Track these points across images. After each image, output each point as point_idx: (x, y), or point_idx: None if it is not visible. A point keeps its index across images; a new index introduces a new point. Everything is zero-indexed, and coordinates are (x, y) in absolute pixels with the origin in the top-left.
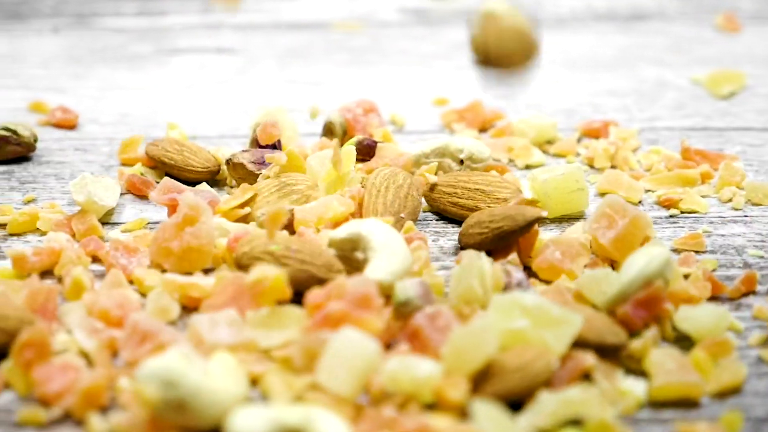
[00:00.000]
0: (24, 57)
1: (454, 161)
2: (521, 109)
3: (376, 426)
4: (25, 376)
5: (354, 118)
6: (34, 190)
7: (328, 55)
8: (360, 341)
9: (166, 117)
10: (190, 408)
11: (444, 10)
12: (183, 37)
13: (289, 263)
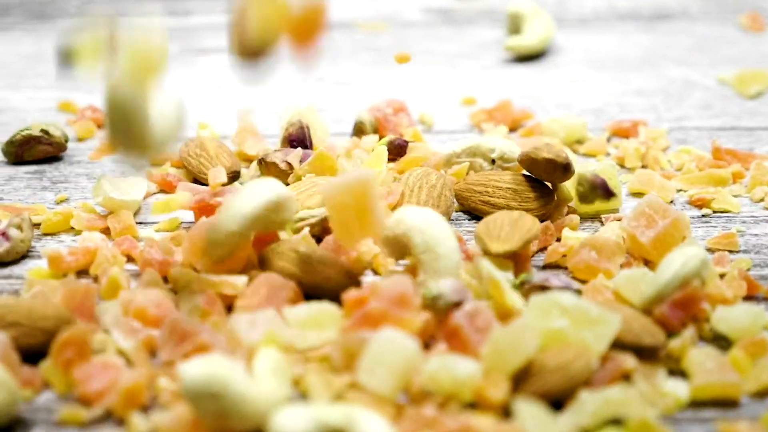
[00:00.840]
0: (51, 57)
1: (485, 161)
2: (549, 108)
3: (418, 425)
4: (65, 375)
5: (384, 117)
6: (66, 189)
7: (354, 54)
8: (400, 341)
9: (196, 117)
10: (232, 414)
11: (468, 10)
12: (209, 37)
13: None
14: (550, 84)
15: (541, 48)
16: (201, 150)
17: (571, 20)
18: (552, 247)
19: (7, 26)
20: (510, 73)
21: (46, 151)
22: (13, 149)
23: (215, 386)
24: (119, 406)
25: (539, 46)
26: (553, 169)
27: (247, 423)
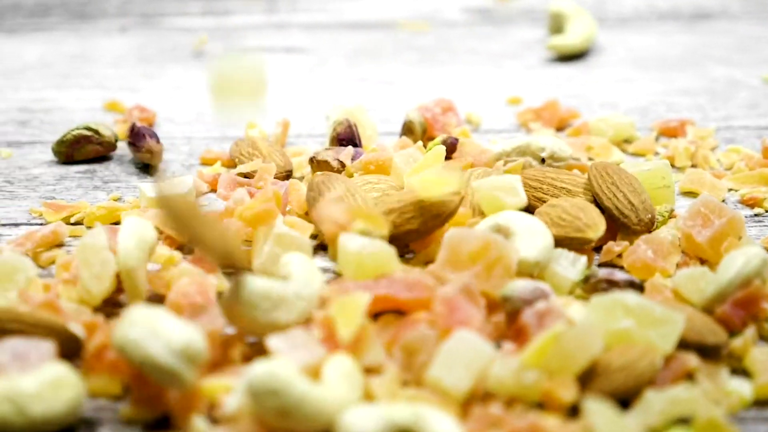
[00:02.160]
0: (95, 57)
1: (535, 159)
2: (595, 108)
3: (485, 424)
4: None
5: (433, 117)
6: (118, 189)
7: (397, 54)
8: (477, 342)
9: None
10: (295, 414)
11: (507, 10)
12: (250, 37)
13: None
14: (594, 83)
15: (584, 47)
16: (253, 149)
17: (612, 20)
18: (607, 246)
19: (49, 26)
20: (554, 72)
21: (96, 151)
22: (64, 149)
23: (277, 383)
24: (180, 408)
25: (582, 45)
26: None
27: (312, 424)
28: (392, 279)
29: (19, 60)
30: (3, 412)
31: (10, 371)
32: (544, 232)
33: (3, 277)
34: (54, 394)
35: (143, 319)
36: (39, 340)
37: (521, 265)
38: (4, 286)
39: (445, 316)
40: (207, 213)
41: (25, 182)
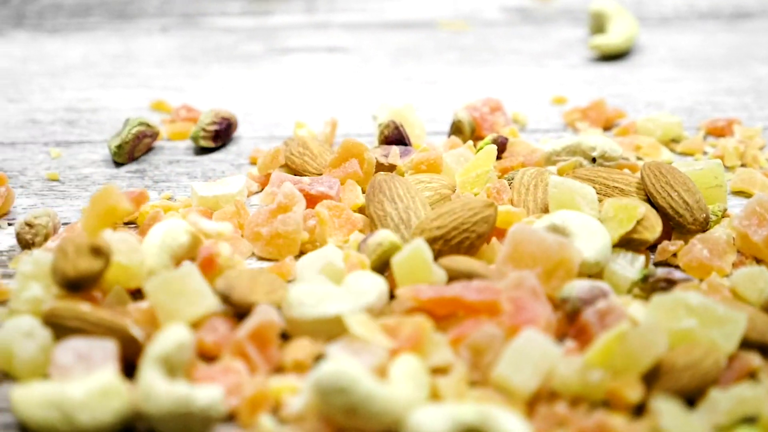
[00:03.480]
0: (138, 56)
1: (586, 159)
2: (640, 107)
3: (551, 423)
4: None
5: (481, 116)
6: (169, 188)
7: (439, 53)
8: (545, 342)
9: (289, 116)
10: (361, 413)
11: (547, 9)
12: (292, 37)
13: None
14: (637, 83)
15: (626, 47)
16: (304, 149)
17: (652, 19)
18: (662, 246)
19: (90, 26)
20: (597, 72)
21: (148, 144)
22: (127, 149)
23: (344, 381)
24: (245, 409)
25: (624, 44)
26: None
27: (378, 423)
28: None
29: (62, 60)
30: (50, 419)
31: (75, 372)
32: (602, 231)
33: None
34: (102, 403)
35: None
36: (101, 339)
37: (582, 266)
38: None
39: (512, 315)
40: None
41: (76, 182)
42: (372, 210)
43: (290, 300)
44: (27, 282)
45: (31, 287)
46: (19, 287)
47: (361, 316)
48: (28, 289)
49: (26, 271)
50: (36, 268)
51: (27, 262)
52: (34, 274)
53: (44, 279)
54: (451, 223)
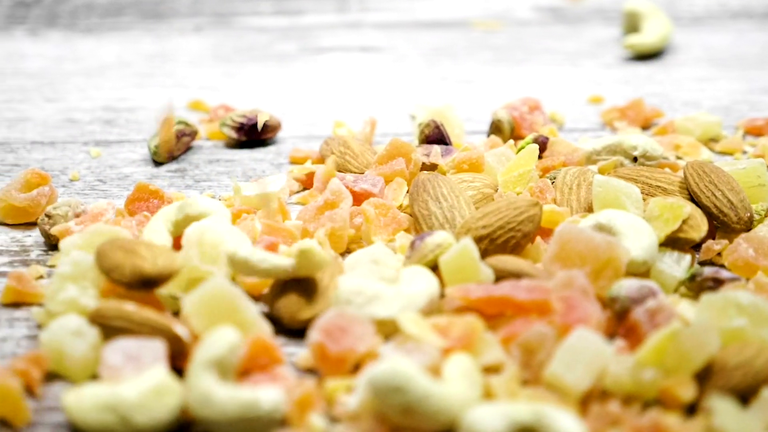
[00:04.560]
0: (172, 56)
1: (627, 158)
2: (677, 107)
3: (604, 422)
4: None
5: (520, 116)
6: (210, 188)
7: (473, 53)
8: (598, 341)
9: (326, 115)
10: (418, 412)
11: (579, 9)
12: (325, 36)
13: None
14: (673, 82)
15: (661, 46)
16: (345, 148)
17: (684, 19)
18: (707, 245)
19: (124, 26)
20: (632, 71)
21: (187, 143)
22: (167, 149)
23: (400, 380)
24: (295, 411)
25: (659, 44)
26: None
27: (435, 422)
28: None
29: (97, 59)
30: (106, 422)
31: (125, 373)
32: (648, 230)
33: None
34: (157, 401)
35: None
36: (148, 339)
37: (629, 266)
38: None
39: (564, 314)
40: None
41: (117, 181)
42: (416, 209)
43: (338, 298)
44: (64, 283)
45: (67, 288)
46: (55, 288)
47: (413, 315)
48: (65, 290)
49: (64, 272)
50: (75, 269)
51: (65, 263)
52: (73, 276)
53: (82, 280)
54: (497, 222)
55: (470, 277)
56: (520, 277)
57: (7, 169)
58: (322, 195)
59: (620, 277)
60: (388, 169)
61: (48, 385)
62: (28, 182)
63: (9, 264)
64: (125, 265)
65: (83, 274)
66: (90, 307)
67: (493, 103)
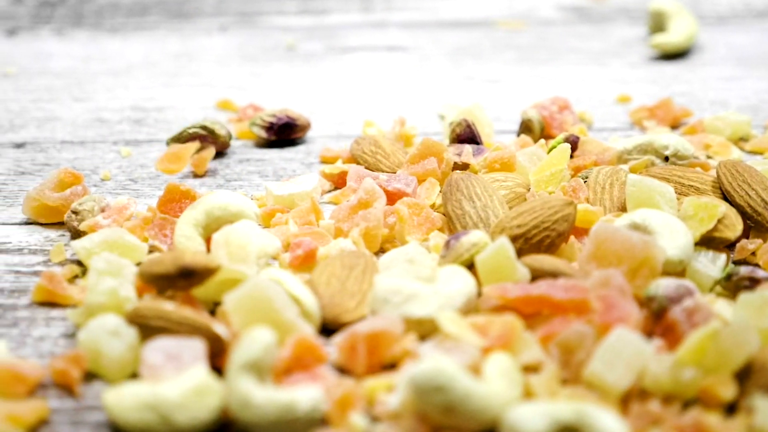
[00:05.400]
0: (199, 55)
1: (658, 158)
2: (705, 106)
3: (645, 422)
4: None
5: (550, 115)
6: (241, 187)
7: (498, 52)
8: (636, 340)
9: (354, 114)
10: (459, 411)
11: (603, 8)
12: (350, 36)
13: None
14: (700, 81)
15: (687, 45)
16: (376, 147)
17: (709, 18)
18: (741, 244)
19: (149, 25)
20: (659, 70)
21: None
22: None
23: (442, 379)
24: (335, 410)
25: (685, 43)
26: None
27: (475, 421)
28: (548, 280)
29: (124, 59)
30: (147, 421)
31: (166, 372)
32: (684, 230)
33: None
34: (198, 401)
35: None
36: (188, 339)
37: (665, 265)
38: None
39: (603, 314)
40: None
41: (148, 180)
42: (450, 208)
43: (375, 296)
44: (101, 276)
45: (106, 280)
46: (94, 281)
47: (452, 314)
48: (104, 282)
49: (100, 267)
50: (109, 266)
51: (99, 260)
52: (109, 271)
53: (117, 277)
54: (532, 222)
55: (507, 276)
56: (556, 276)
57: (38, 169)
58: (355, 194)
59: (656, 276)
60: (420, 169)
61: (87, 385)
62: (61, 181)
63: (44, 263)
64: (166, 258)
65: (118, 270)
66: (129, 299)
67: (520, 102)
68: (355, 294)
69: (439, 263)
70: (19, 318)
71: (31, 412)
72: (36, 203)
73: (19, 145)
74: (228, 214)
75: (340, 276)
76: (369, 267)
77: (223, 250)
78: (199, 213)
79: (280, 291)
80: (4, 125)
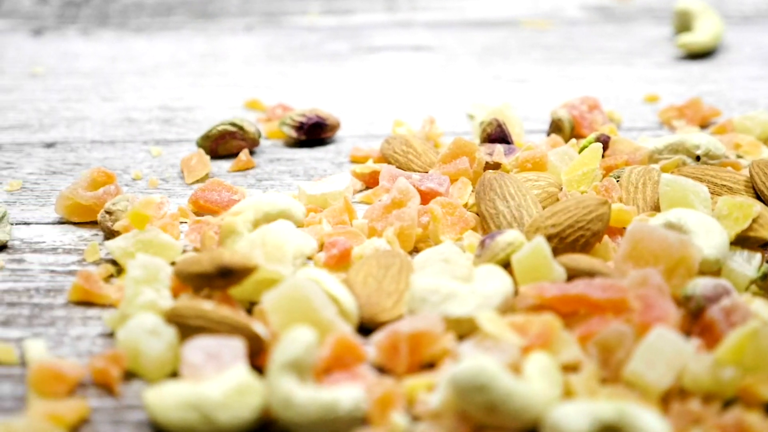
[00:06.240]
0: (225, 55)
1: (689, 157)
2: (733, 106)
3: (686, 421)
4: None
5: (580, 114)
6: (273, 186)
7: (524, 52)
8: (676, 339)
9: (382, 114)
10: (501, 411)
11: (628, 8)
12: (376, 36)
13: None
14: (728, 81)
15: (714, 45)
16: (408, 147)
17: (734, 17)
18: None
19: (175, 25)
20: (686, 70)
21: (240, 146)
22: (208, 143)
23: (484, 379)
24: (376, 409)
25: (712, 43)
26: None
27: (517, 420)
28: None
29: (150, 59)
30: (188, 420)
31: (206, 371)
32: (719, 229)
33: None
34: (240, 400)
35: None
36: (228, 338)
37: (701, 264)
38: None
39: (642, 313)
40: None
41: (179, 180)
42: (483, 208)
43: (413, 295)
44: (138, 287)
45: (144, 292)
46: (131, 293)
47: (491, 313)
48: (142, 293)
49: (137, 276)
50: (146, 271)
51: (135, 266)
52: (146, 278)
53: (154, 282)
54: (566, 221)
55: (543, 275)
56: (593, 275)
57: (69, 168)
58: (388, 194)
59: (693, 276)
60: (452, 168)
61: (126, 384)
62: (94, 181)
63: (78, 263)
64: (203, 257)
65: (154, 275)
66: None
67: (548, 102)
68: (392, 293)
69: (474, 263)
70: (56, 317)
71: (72, 411)
72: (69, 202)
73: (50, 144)
74: (277, 211)
75: (377, 275)
76: (405, 266)
77: (260, 250)
78: (248, 210)
79: (319, 290)
80: (33, 125)
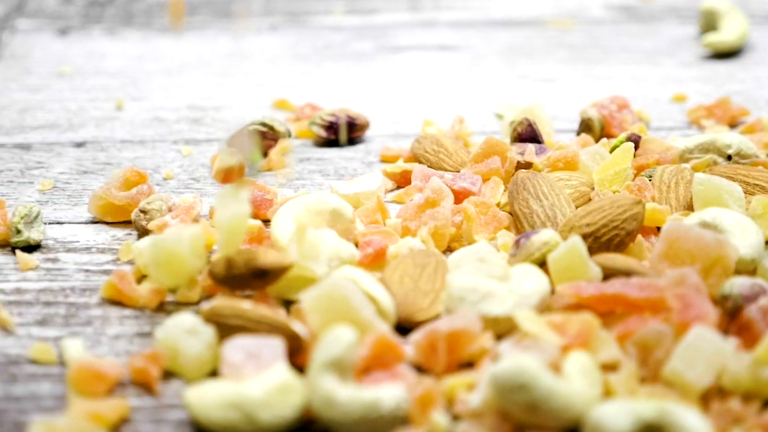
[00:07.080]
0: (251, 55)
1: (720, 156)
2: (762, 105)
3: (727, 420)
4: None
5: (610, 114)
6: (304, 186)
7: (550, 51)
8: (715, 338)
9: (410, 113)
10: (542, 410)
11: (652, 7)
12: (400, 35)
13: None
14: (755, 80)
15: (740, 44)
16: (438, 146)
17: (758, 17)
18: None
19: (199, 24)
20: (712, 69)
21: (269, 145)
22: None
23: (525, 378)
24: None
25: (738, 42)
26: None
27: (558, 419)
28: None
29: (176, 58)
30: (230, 419)
31: (246, 370)
32: (755, 228)
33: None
34: (281, 399)
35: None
36: (267, 337)
37: (738, 264)
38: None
39: (680, 312)
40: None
41: (210, 179)
42: (517, 207)
43: (451, 294)
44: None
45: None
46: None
47: (530, 313)
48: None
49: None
50: None
51: None
52: None
53: None
54: (601, 221)
55: (579, 275)
56: (629, 275)
57: (100, 168)
58: (421, 193)
59: (729, 275)
60: (485, 168)
61: (164, 383)
62: (127, 180)
63: (113, 262)
64: (238, 259)
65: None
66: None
67: (576, 101)
68: (429, 293)
69: (509, 262)
70: (92, 316)
71: (112, 410)
72: (102, 202)
73: (80, 144)
74: (328, 209)
75: (413, 275)
76: (440, 266)
77: (294, 248)
78: (299, 209)
79: (357, 290)
80: (63, 124)
